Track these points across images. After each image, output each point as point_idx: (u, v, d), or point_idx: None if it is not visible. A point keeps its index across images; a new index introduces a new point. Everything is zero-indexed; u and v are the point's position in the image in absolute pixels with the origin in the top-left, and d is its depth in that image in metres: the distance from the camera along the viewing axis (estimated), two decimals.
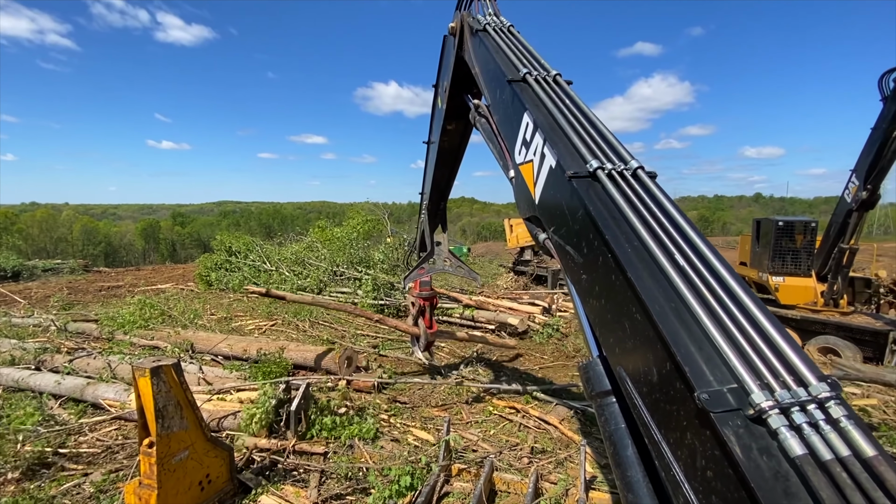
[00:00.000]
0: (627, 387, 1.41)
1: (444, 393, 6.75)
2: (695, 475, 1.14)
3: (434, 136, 5.06)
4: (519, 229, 23.29)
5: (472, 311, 10.77)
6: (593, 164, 1.74)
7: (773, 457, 1.00)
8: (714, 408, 1.07)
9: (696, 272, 1.35)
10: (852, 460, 0.93)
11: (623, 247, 1.48)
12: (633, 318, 1.38)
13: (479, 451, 5.18)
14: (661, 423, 1.27)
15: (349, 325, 10.45)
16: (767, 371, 1.10)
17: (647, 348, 1.32)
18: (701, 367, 1.16)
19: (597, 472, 4.96)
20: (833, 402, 1.01)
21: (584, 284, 1.72)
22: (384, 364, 7.86)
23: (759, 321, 1.20)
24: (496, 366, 8.42)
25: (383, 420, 5.75)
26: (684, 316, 1.27)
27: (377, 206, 35.01)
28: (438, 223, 6.63)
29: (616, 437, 1.49)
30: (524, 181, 2.27)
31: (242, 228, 63.43)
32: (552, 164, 1.91)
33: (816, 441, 0.96)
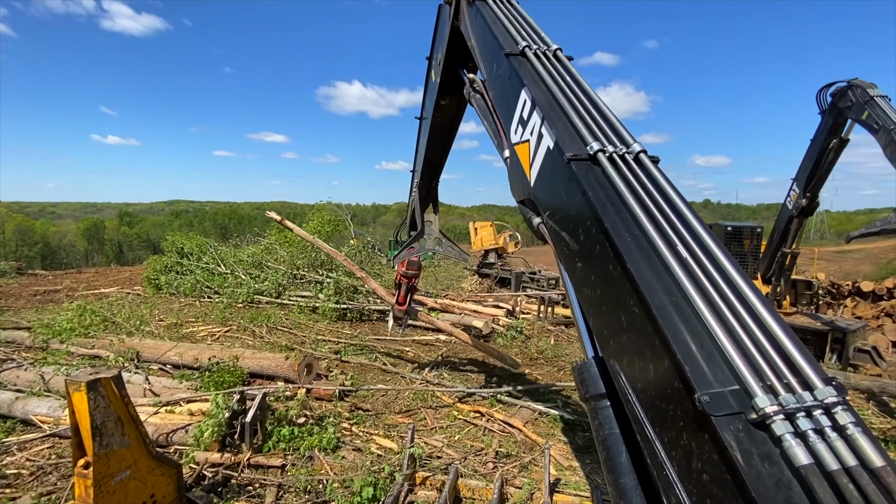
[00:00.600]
0: (621, 382, 1.36)
1: (409, 398, 6.64)
2: (689, 477, 1.09)
3: (426, 111, 4.84)
4: (483, 232, 23.47)
5: (437, 314, 10.69)
6: (594, 147, 1.64)
7: (775, 464, 0.95)
8: (715, 411, 1.02)
9: (698, 265, 1.28)
10: (860, 471, 0.88)
11: (623, 235, 1.40)
12: (631, 310, 1.31)
13: (443, 457, 5.11)
14: (655, 422, 1.21)
15: (309, 330, 10.13)
16: (771, 372, 1.05)
17: (643, 343, 1.26)
18: (701, 366, 1.10)
19: (560, 474, 5.00)
20: (840, 408, 0.97)
21: (580, 273, 1.64)
22: (346, 370, 7.64)
23: (764, 319, 1.14)
24: (461, 369, 8.38)
25: (345, 429, 5.57)
26: (685, 311, 1.20)
27: (340, 207, 34.43)
28: (430, 202, 6.40)
29: (609, 443, 1.44)
30: (519, 162, 2.15)
31: (196, 229, 60.53)
32: (550, 145, 1.81)
33: (822, 449, 0.92)
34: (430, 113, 4.64)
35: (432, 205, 6.44)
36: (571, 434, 6.05)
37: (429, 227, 6.11)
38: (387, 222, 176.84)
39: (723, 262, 1.28)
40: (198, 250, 15.13)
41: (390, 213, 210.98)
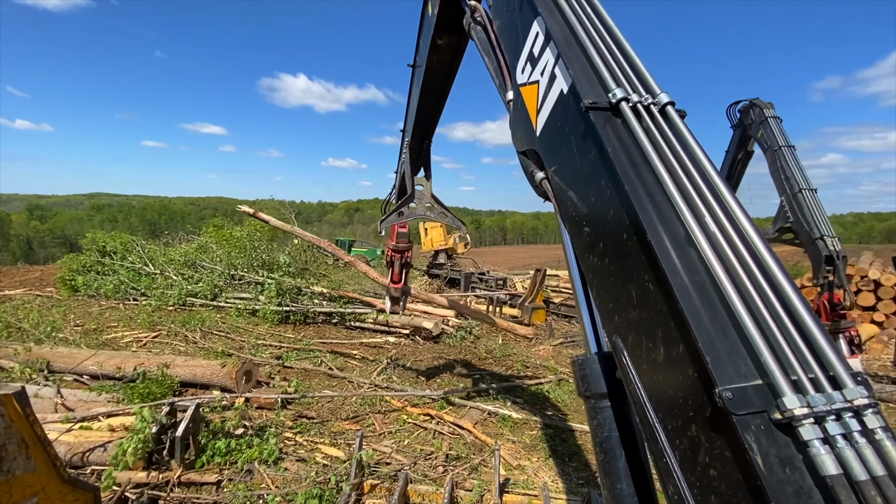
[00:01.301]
0: (623, 360, 1.22)
1: (356, 404, 6.44)
2: (693, 469, 1.00)
3: (420, 56, 4.24)
4: (433, 233, 23.47)
5: (387, 317, 10.51)
6: (617, 94, 1.39)
7: (796, 470, 0.88)
8: (737, 409, 0.92)
9: (727, 241, 1.12)
10: (888, 482, 0.82)
11: (643, 201, 1.21)
12: (644, 286, 1.16)
13: (393, 463, 4.99)
14: (659, 407, 1.11)
15: (249, 334, 9.57)
16: (799, 367, 0.95)
17: (655, 323, 1.13)
18: (723, 357, 0.98)
19: (510, 473, 5.06)
20: (870, 411, 0.89)
21: (586, 238, 1.44)
22: (289, 376, 7.29)
23: (795, 307, 1.02)
24: (411, 371, 8.29)
25: (288, 439, 5.29)
26: (708, 293, 1.06)
27: (283, 204, 33.03)
28: (421, 165, 5.76)
29: (608, 445, 1.34)
30: (525, 106, 1.84)
31: (121, 225, 55.63)
32: (563, 89, 1.53)
33: (851, 457, 0.85)
34: (424, 58, 4.04)
35: (424, 168, 5.79)
36: (519, 433, 6.15)
37: (418, 192, 5.46)
38: (333, 221, 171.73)
39: (754, 239, 1.12)
40: (122, 248, 13.86)
41: (337, 211, 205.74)
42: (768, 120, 7.46)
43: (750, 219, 1.17)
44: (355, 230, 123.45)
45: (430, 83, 4.34)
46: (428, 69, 4.07)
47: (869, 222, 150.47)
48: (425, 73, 4.17)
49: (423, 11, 3.90)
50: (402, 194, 5.67)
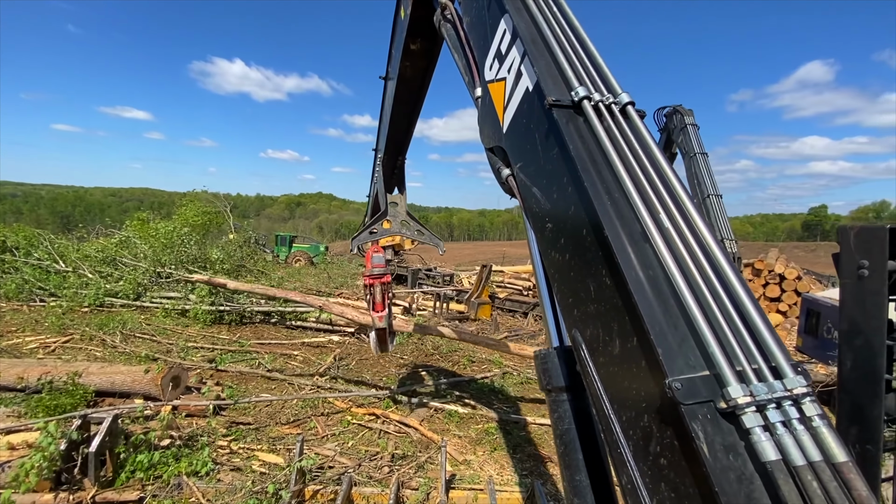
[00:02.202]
0: (582, 353, 1.26)
1: (297, 407, 6.17)
2: (646, 459, 1.04)
3: (393, 66, 4.15)
4: None
5: (330, 315, 10.18)
6: (580, 92, 1.43)
7: (739, 456, 0.92)
8: (685, 399, 0.96)
9: (680, 237, 1.16)
10: (822, 466, 0.87)
11: (601, 197, 1.25)
12: (601, 280, 1.21)
13: (336, 466, 4.83)
14: (614, 399, 1.15)
15: (178, 336, 8.88)
16: (744, 357, 0.99)
17: (611, 317, 1.17)
18: (674, 348, 1.02)
19: (456, 469, 5.07)
20: (808, 400, 0.93)
21: (549, 235, 1.48)
22: (223, 381, 6.85)
23: (742, 301, 1.06)
24: (355, 370, 8.08)
25: (221, 447, 4.96)
26: (661, 287, 1.10)
27: (217, 196, 31.02)
28: (395, 184, 5.55)
29: (568, 438, 1.37)
30: (492, 103, 1.87)
31: (27, 217, 49.68)
32: (529, 87, 1.58)
33: (789, 443, 0.89)
34: (396, 67, 4.00)
35: (398, 185, 5.61)
36: (466, 428, 6.19)
37: (393, 209, 5.26)
38: (272, 215, 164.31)
39: (706, 236, 1.18)
40: (26, 243, 12.35)
41: (277, 205, 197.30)
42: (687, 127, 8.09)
43: (703, 216, 1.23)
44: (297, 225, 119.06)
45: (404, 94, 4.27)
46: (401, 77, 4.02)
47: (774, 222, 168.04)
48: (398, 83, 4.11)
49: (395, 17, 3.86)
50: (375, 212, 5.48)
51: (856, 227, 1.29)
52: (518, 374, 8.69)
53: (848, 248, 1.29)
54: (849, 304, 1.30)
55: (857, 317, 1.26)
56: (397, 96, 4.31)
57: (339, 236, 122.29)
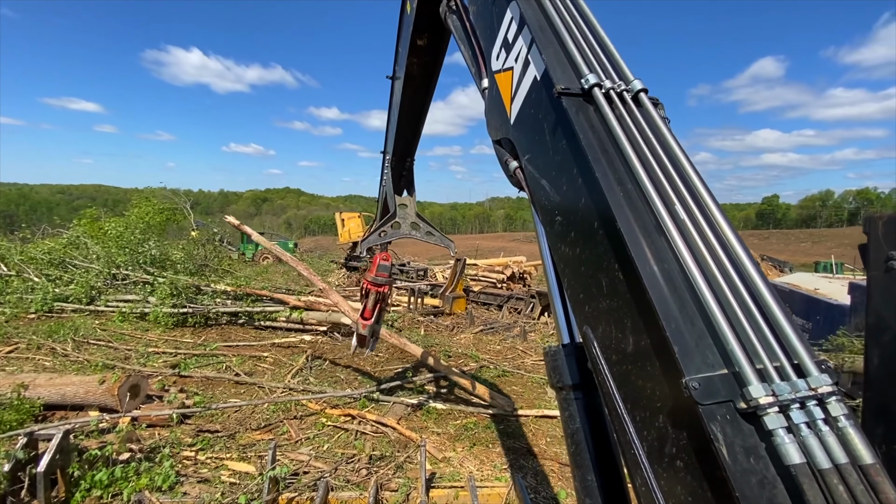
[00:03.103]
0: (593, 351, 1.21)
1: (268, 411, 5.92)
2: (661, 461, 1.00)
3: (399, 65, 4.05)
4: (351, 223, 22.68)
5: (301, 314, 9.87)
6: (590, 80, 1.37)
7: (760, 459, 0.87)
8: (704, 399, 0.91)
9: (697, 229, 1.11)
10: (849, 469, 0.82)
11: (614, 189, 1.20)
12: (614, 275, 1.16)
13: (311, 472, 4.64)
14: (628, 398, 1.10)
15: (137, 342, 8.38)
16: (765, 354, 0.94)
17: (624, 313, 1.12)
18: (691, 346, 0.98)
19: (436, 467, 4.98)
20: (833, 399, 0.88)
21: (558, 228, 1.44)
22: (188, 387, 6.49)
23: (762, 296, 1.00)
24: (328, 370, 7.86)
25: (187, 458, 4.68)
26: (676, 282, 1.06)
27: (177, 193, 29.63)
28: (404, 186, 5.43)
29: (579, 437, 1.32)
30: (499, 94, 1.81)
31: None
32: (537, 75, 1.53)
33: (814, 446, 0.84)
34: (403, 65, 3.92)
35: (407, 187, 5.49)
36: (444, 424, 6.11)
37: (402, 211, 5.17)
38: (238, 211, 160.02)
39: (724, 228, 1.12)
40: None
41: (242, 201, 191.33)
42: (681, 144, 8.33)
43: (720, 208, 1.17)
44: (263, 221, 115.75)
45: (411, 93, 4.20)
46: (408, 76, 3.95)
47: (731, 212, 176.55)
48: (405, 82, 4.05)
49: (401, 12, 3.82)
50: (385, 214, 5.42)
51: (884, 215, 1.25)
52: (495, 368, 8.68)
53: (876, 239, 1.24)
54: (876, 297, 1.26)
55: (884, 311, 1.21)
56: (405, 96, 4.24)
57: (309, 232, 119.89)
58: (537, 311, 14.00)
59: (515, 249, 44.37)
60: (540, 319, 13.55)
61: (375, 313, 5.18)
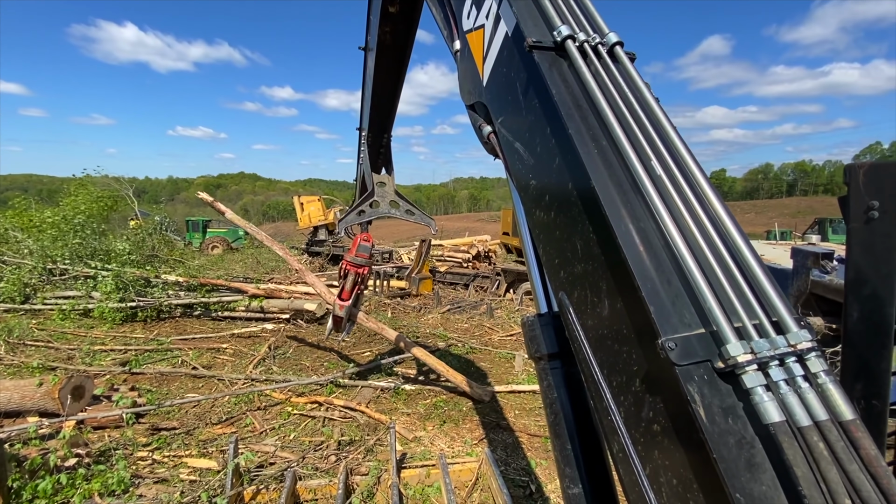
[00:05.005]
0: (569, 317, 1.18)
1: (230, 404, 5.68)
2: (638, 426, 0.98)
3: (372, 33, 3.87)
4: (311, 207, 21.95)
5: (261, 302, 9.51)
6: (563, 31, 1.31)
7: (738, 419, 0.85)
8: (681, 360, 0.88)
9: (674, 185, 1.06)
10: (829, 426, 0.81)
11: (588, 146, 1.14)
12: (589, 237, 1.11)
13: (278, 462, 4.51)
14: (604, 364, 1.08)
15: (81, 340, 7.83)
16: (744, 312, 0.91)
17: (599, 275, 1.09)
18: (667, 306, 0.94)
19: (406, 448, 4.95)
20: (813, 355, 0.86)
21: (532, 192, 1.37)
22: (140, 384, 6.14)
23: (741, 252, 0.97)
24: (293, 358, 7.64)
25: (142, 459, 4.43)
26: (653, 241, 1.01)
27: (119, 180, 27.62)
28: (382, 163, 5.27)
29: (557, 407, 1.30)
30: (471, 55, 1.73)
31: None
32: (508, 31, 1.44)
33: (794, 403, 0.82)
34: (375, 36, 3.75)
35: (385, 165, 5.34)
36: (414, 404, 6.09)
37: (381, 189, 5.04)
38: (190, 199, 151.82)
39: (701, 183, 1.08)
40: None
41: (193, 188, 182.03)
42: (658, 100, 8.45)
43: (699, 164, 1.12)
44: None
45: (385, 64, 4.04)
46: (381, 46, 3.78)
47: None
48: (378, 53, 3.89)
49: None
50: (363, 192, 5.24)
51: (865, 164, 1.22)
52: (463, 346, 8.73)
53: (856, 188, 1.21)
54: (856, 250, 1.23)
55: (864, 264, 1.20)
56: (378, 68, 4.08)
57: (268, 218, 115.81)
58: (503, 288, 14.16)
59: (480, 229, 44.72)
60: (506, 296, 13.72)
61: (353, 296, 5.11)
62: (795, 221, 45.91)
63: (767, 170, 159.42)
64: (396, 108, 4.93)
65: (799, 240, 22.96)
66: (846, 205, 1.25)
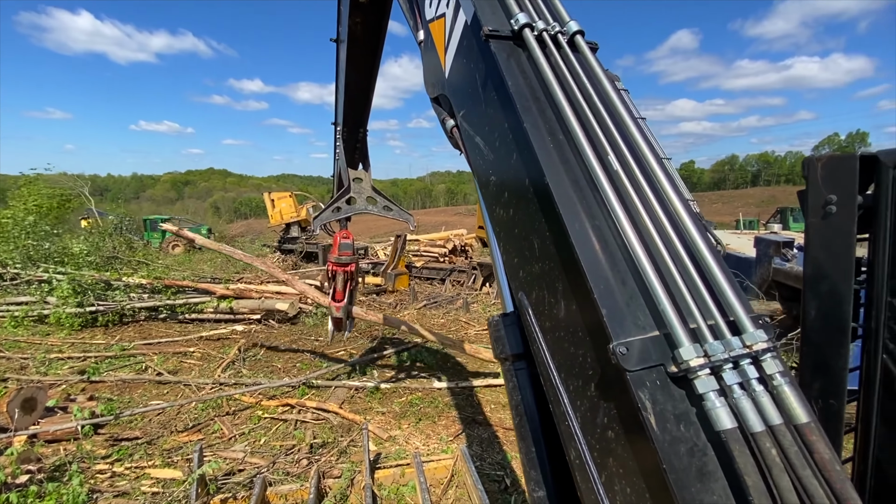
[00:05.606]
0: (528, 318, 1.15)
1: (196, 410, 5.48)
2: (593, 431, 0.96)
3: (342, 23, 3.75)
4: (282, 204, 21.44)
5: (230, 303, 9.22)
6: (520, 20, 1.26)
7: (691, 426, 0.82)
8: (631, 365, 0.85)
9: (631, 180, 1.02)
10: (783, 430, 0.78)
11: (544, 140, 1.10)
12: (545, 235, 1.08)
13: (247, 469, 4.37)
14: (561, 367, 1.05)
15: (35, 349, 7.42)
16: (698, 313, 0.88)
17: (556, 276, 1.05)
18: (621, 308, 0.91)
19: (381, 448, 4.89)
20: (769, 356, 0.83)
21: (492, 189, 1.33)
22: (99, 393, 5.85)
23: (699, 251, 0.93)
24: (264, 360, 7.44)
25: (101, 472, 4.23)
26: (608, 239, 0.98)
27: (78, 178, 26.37)
28: (359, 159, 5.16)
29: (522, 409, 1.26)
30: (434, 45, 1.67)
31: None
32: (468, 20, 1.39)
33: (747, 408, 0.79)
34: (346, 27, 3.63)
35: (362, 160, 5.24)
36: (389, 403, 6.02)
37: (357, 185, 4.93)
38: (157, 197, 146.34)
39: (660, 178, 1.04)
40: None
41: (160, 185, 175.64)
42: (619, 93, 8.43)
43: (658, 157, 1.08)
44: (187, 206, 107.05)
45: (357, 56, 3.93)
46: (352, 37, 3.67)
47: None
48: (349, 45, 3.79)
49: None
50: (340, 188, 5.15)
51: (823, 157, 1.19)
52: None
53: (815, 182, 1.19)
54: (814, 245, 1.21)
55: (822, 259, 1.18)
56: (351, 60, 3.97)
57: (239, 215, 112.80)
58: (479, 282, 14.18)
59: (458, 223, 44.76)
60: (482, 290, 13.75)
61: (347, 294, 5.09)
62: (759, 211, 47.77)
63: (733, 161, 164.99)
64: (371, 101, 4.81)
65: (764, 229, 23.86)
66: (805, 199, 1.23)
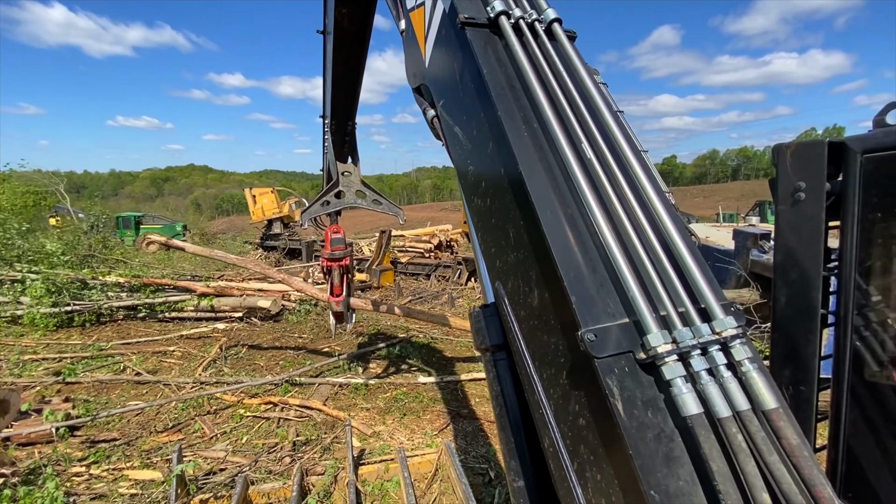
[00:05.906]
0: (504, 308, 1.16)
1: (176, 410, 5.40)
2: (566, 419, 0.97)
3: (329, 15, 3.70)
4: (264, 200, 21.13)
5: (211, 301, 9.08)
6: (496, 7, 1.25)
7: (659, 412, 0.83)
8: (600, 352, 0.85)
9: (604, 168, 1.02)
10: (750, 416, 0.79)
11: (518, 129, 1.10)
12: (519, 224, 1.09)
13: (229, 468, 4.33)
14: (535, 356, 1.06)
15: (8, 349, 7.21)
16: (668, 300, 0.88)
17: (530, 265, 1.06)
18: (591, 295, 0.91)
19: (365, 444, 4.88)
20: (738, 342, 0.84)
21: (471, 179, 1.34)
22: (75, 394, 5.72)
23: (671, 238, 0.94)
24: (246, 358, 7.36)
25: (77, 475, 4.14)
26: (580, 227, 0.99)
27: (53, 175, 25.60)
28: (348, 153, 5.13)
29: (503, 399, 1.27)
30: (415, 35, 1.67)
31: None
32: (446, 8, 1.39)
33: (713, 394, 0.80)
34: (332, 18, 3.60)
35: (350, 154, 5.21)
36: (373, 399, 6.01)
37: (346, 179, 4.95)
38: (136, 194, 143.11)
39: (633, 165, 1.05)
40: None
41: (139, 181, 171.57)
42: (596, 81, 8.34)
43: (634, 146, 1.08)
44: (167, 203, 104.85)
45: (344, 48, 3.88)
46: (338, 28, 3.63)
47: None
48: (336, 37, 3.75)
49: None
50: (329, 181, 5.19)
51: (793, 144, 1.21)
52: (423, 336, 8.69)
53: (784, 170, 1.20)
54: (784, 232, 1.22)
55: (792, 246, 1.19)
56: (337, 52, 3.93)
57: (221, 212, 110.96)
58: (464, 277, 14.21)
59: (444, 219, 44.72)
60: (467, 285, 13.78)
61: (344, 287, 5.17)
62: (738, 204, 48.80)
63: (714, 156, 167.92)
64: (359, 93, 4.79)
65: (743, 221, 24.37)
66: (775, 187, 1.25)
